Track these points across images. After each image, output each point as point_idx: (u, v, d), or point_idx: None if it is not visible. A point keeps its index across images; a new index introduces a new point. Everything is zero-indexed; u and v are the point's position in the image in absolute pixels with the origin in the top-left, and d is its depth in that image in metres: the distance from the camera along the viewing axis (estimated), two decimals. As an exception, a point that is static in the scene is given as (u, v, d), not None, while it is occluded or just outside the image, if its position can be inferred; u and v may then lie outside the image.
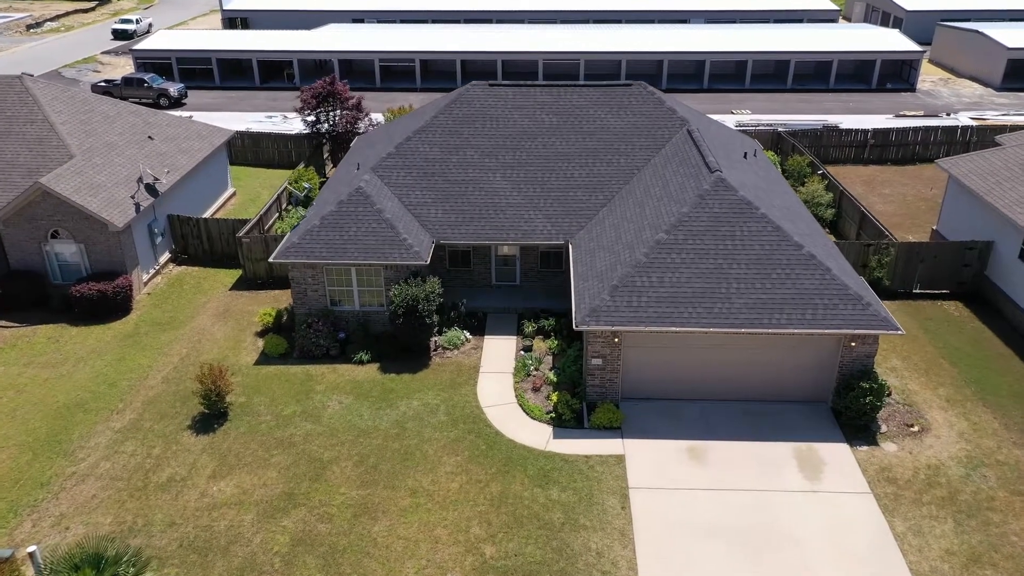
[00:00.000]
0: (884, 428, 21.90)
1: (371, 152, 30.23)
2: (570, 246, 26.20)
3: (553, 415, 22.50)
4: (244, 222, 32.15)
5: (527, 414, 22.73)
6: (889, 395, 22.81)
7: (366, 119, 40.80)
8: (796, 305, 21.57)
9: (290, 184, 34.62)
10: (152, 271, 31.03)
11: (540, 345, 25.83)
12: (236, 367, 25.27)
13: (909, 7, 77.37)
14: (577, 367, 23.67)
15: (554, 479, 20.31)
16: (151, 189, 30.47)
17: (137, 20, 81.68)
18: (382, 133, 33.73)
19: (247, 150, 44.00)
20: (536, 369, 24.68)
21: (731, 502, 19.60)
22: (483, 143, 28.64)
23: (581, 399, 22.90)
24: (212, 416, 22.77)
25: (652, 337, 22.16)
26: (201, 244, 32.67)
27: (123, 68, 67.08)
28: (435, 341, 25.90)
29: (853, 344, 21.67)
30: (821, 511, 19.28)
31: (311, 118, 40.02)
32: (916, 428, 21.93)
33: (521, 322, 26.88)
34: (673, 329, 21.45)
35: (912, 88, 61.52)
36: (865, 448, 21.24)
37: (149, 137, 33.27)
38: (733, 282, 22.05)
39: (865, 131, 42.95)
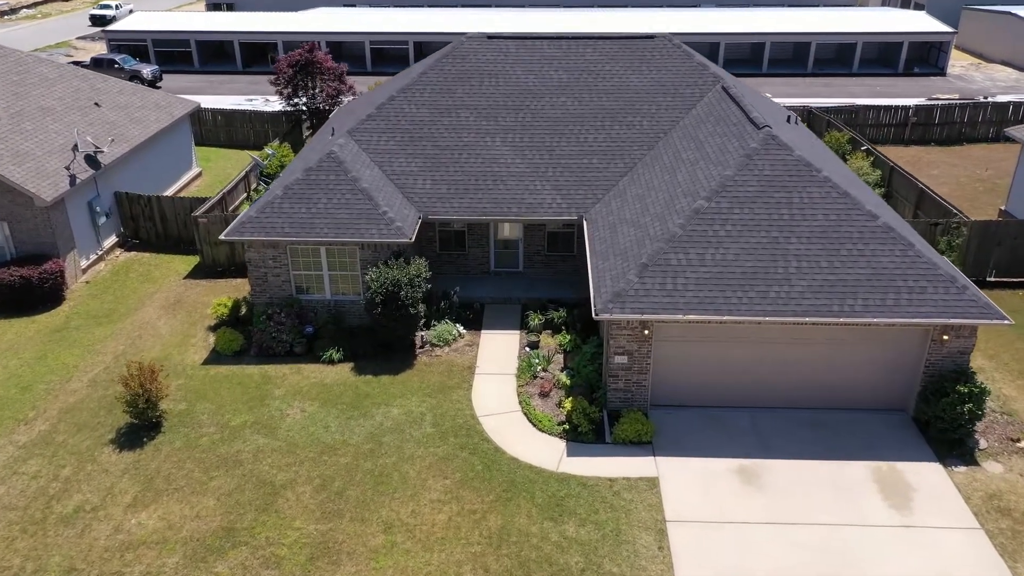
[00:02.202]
0: (983, 443, 17.43)
1: (351, 120, 25.82)
2: (585, 222, 21.77)
3: (566, 426, 18.04)
4: (203, 201, 27.73)
5: (534, 425, 18.27)
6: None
7: (350, 93, 36.40)
8: (873, 288, 17.14)
9: (254, 156, 30.03)
10: (93, 256, 26.57)
11: (548, 341, 21.38)
12: (179, 367, 20.80)
13: (932, -8, 73.11)
14: (595, 367, 19.19)
15: (570, 509, 15.83)
16: (92, 160, 26.03)
17: (117, 6, 77.42)
18: (364, 101, 29.36)
19: (219, 129, 39.61)
20: (544, 370, 20.23)
21: (799, 541, 15.11)
22: (480, 103, 24.23)
23: (601, 406, 18.45)
24: (141, 428, 18.29)
25: (690, 328, 17.72)
26: (154, 226, 28.22)
27: (98, 52, 62.69)
28: (421, 336, 21.44)
29: (945, 337, 17.21)
30: (918, 553, 14.80)
31: (288, 91, 35.64)
32: None
33: (525, 314, 22.43)
34: (718, 318, 17.00)
35: (942, 72, 57.27)
36: (963, 469, 16.77)
37: (95, 104, 28.86)
38: (792, 259, 17.62)
39: (906, 108, 38.60)
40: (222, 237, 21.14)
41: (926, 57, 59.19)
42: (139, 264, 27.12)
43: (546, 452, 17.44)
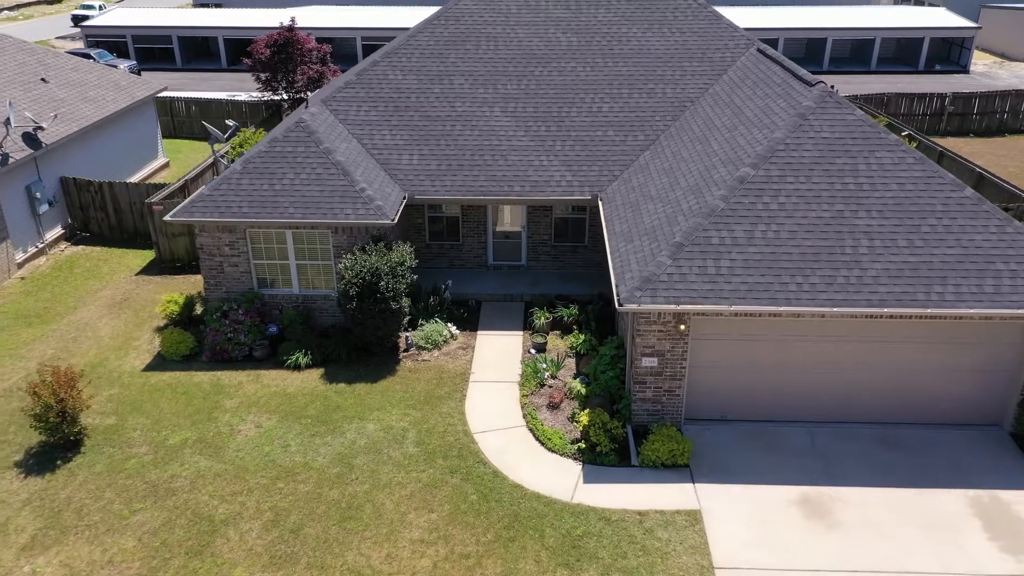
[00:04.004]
0: (1105, 466, 13.97)
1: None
2: (600, 202, 18.39)
3: (582, 445, 14.55)
4: (161, 187, 24.34)
5: (542, 444, 14.78)
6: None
7: (334, 77, 33.07)
8: (967, 272, 13.74)
9: (208, 125, 26.45)
10: (32, 249, 23.12)
11: (558, 343, 17.96)
12: (114, 374, 17.32)
13: (948, -8, 70.35)
14: (616, 372, 15.72)
15: (590, 553, 12.31)
16: (31, 139, 22.65)
17: (100, 6, 74.38)
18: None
19: (193, 120, 36.26)
20: (554, 376, 16.77)
21: (889, 594, 11.62)
22: (477, 69, 20.91)
23: (624, 420, 14.98)
24: (56, 447, 14.78)
25: (736, 323, 14.29)
26: (106, 217, 24.79)
27: (73, 48, 59.59)
28: (407, 337, 17.99)
29: (1058, 333, 13.82)
30: (1049, 612, 11.31)
31: (265, 75, 32.35)
32: None
33: (529, 312, 19.00)
34: (773, 309, 13.57)
35: (965, 70, 54.19)
36: (1086, 499, 13.30)
37: (42, 79, 25.54)
38: (863, 238, 14.22)
39: (942, 96, 35.38)
40: (167, 218, 17.72)
41: (947, 55, 56.18)
42: (86, 259, 23.67)
43: (558, 477, 13.94)
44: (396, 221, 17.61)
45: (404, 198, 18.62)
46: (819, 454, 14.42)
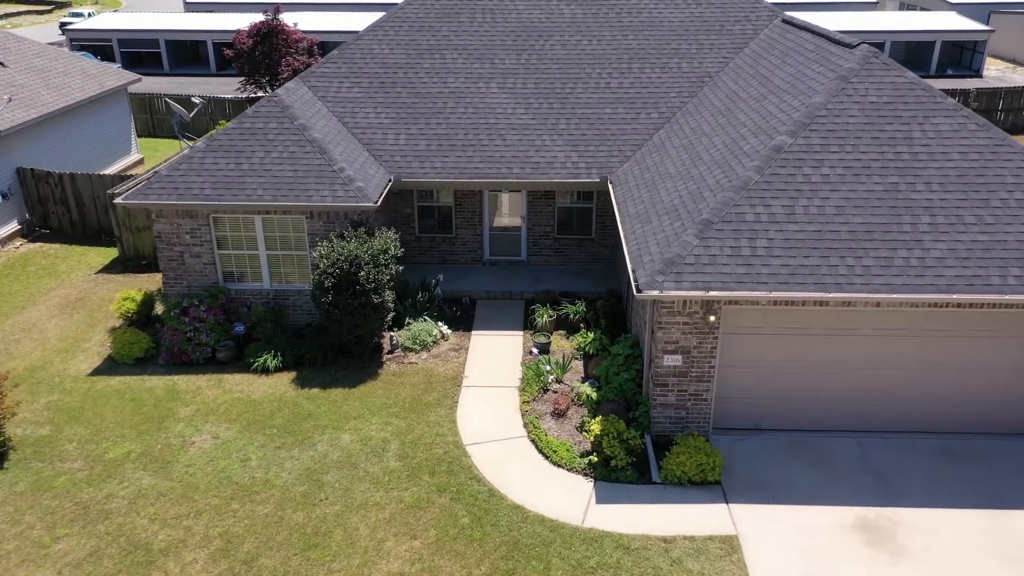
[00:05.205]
0: None
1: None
2: (611, 185, 16.31)
3: (594, 458, 12.35)
4: (128, 179, 22.26)
5: (546, 457, 12.58)
6: None
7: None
8: (1048, 252, 11.65)
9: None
10: (-17, 245, 21.03)
11: (563, 344, 15.82)
12: (56, 378, 15.14)
13: (954, -1, 68.93)
14: (632, 374, 13.53)
15: (607, 589, 10.09)
16: (-19, 123, 20.62)
17: (89, 14, 72.72)
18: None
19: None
20: (559, 380, 14.60)
21: (977, 640, 9.39)
22: (472, 43, 18.92)
23: (642, 429, 12.79)
24: (-26, 461, 12.59)
25: (774, 315, 12.16)
26: (67, 211, 22.68)
27: (59, 54, 57.87)
28: (391, 337, 15.83)
29: None
30: None
31: (248, 66, 30.43)
32: None
33: (531, 309, 16.86)
34: (821, 295, 11.45)
35: (978, 74, 52.50)
36: None
37: (0, 63, 23.56)
38: (923, 214, 12.13)
39: (965, 91, 33.53)
40: (117, 201, 15.61)
41: (958, 59, 54.52)
42: (43, 256, 21.53)
43: (565, 497, 11.73)
44: (379, 204, 15.51)
45: (389, 181, 16.53)
46: (872, 469, 12.23)
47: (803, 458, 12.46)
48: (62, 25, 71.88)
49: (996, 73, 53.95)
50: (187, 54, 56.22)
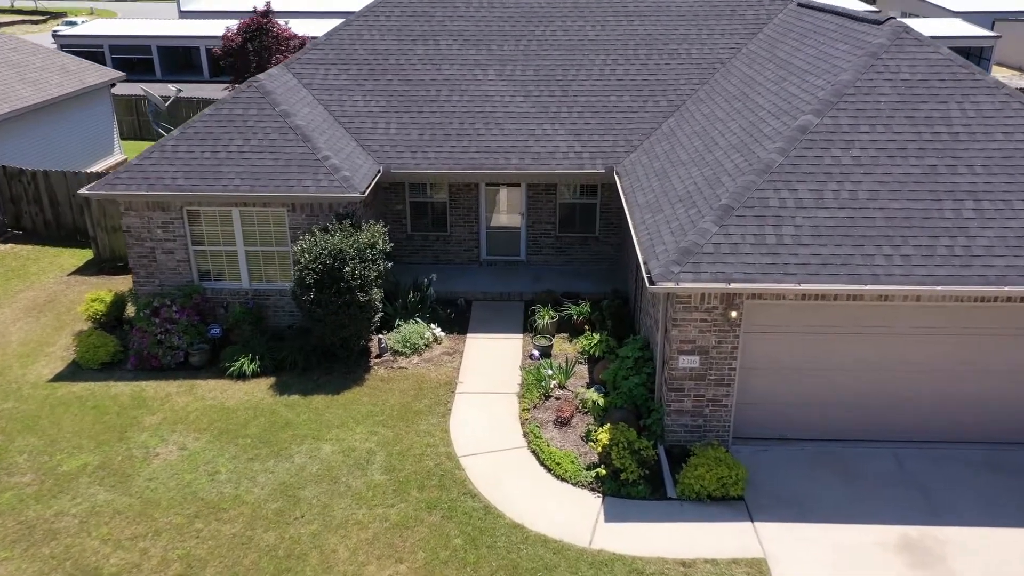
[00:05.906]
0: None
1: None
2: (617, 176, 15.14)
3: (602, 471, 11.08)
4: (103, 175, 21.04)
5: (548, 470, 11.31)
6: None
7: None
8: (1108, 239, 10.45)
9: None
10: (-52, 245, 19.80)
11: (566, 347, 14.59)
12: (13, 384, 13.87)
13: (957, 7, 68.21)
14: (643, 378, 12.28)
15: (619, 621, 8.80)
16: (-52, 116, 19.45)
17: (82, 23, 71.97)
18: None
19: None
20: (562, 386, 13.35)
21: None
22: (468, 28, 17.82)
23: (655, 439, 11.53)
24: (-89, 475, 11.30)
25: (802, 311, 10.95)
26: (41, 211, 21.46)
27: (50, 61, 56.91)
28: (380, 339, 14.58)
29: None
30: None
31: (238, 65, 29.35)
32: None
33: (531, 310, 15.64)
34: (856, 287, 10.23)
35: (985, 81, 51.54)
36: None
37: (-27, 56, 22.47)
38: (966, 199, 10.95)
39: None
40: (82, 191, 14.39)
41: (964, 66, 53.66)
42: (12, 258, 20.30)
43: (570, 514, 10.46)
44: (367, 196, 14.34)
45: (379, 171, 15.35)
46: (913, 483, 10.98)
47: (834, 470, 11.21)
48: (55, 35, 71.22)
49: (1004, 81, 53.14)
50: (180, 60, 55.29)
